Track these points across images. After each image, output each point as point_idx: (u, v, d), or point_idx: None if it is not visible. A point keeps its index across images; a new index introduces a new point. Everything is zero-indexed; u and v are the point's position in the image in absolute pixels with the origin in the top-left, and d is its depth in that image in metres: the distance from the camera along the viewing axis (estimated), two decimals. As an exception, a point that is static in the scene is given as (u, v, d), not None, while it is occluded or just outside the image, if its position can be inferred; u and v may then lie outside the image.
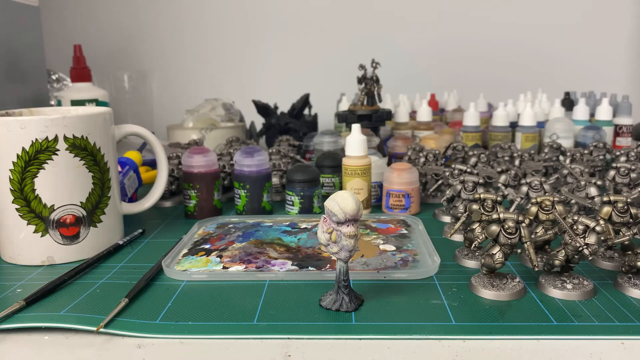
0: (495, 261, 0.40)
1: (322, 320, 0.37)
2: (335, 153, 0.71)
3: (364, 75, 0.85)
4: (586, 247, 0.38)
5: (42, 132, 0.46)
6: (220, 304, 0.40)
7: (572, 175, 0.63)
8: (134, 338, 0.35)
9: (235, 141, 0.92)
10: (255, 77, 1.42)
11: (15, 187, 0.47)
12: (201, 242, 0.53)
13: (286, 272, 0.45)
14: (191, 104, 1.21)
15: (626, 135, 0.98)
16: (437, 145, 0.86)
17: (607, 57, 1.40)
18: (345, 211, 0.36)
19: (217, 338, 0.35)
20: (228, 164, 0.73)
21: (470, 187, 0.54)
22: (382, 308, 0.38)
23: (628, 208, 0.44)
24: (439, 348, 0.33)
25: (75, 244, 0.49)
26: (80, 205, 0.49)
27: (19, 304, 0.39)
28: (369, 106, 0.85)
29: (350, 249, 0.37)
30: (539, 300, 0.39)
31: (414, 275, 0.44)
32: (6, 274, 0.47)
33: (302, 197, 0.62)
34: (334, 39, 1.40)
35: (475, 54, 1.40)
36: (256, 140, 1.11)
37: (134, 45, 1.42)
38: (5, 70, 0.81)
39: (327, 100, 1.23)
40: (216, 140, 1.01)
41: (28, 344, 0.35)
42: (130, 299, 0.40)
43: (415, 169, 0.63)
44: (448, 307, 0.38)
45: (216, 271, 0.45)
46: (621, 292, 0.40)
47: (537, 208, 0.45)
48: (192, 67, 1.43)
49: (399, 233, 0.54)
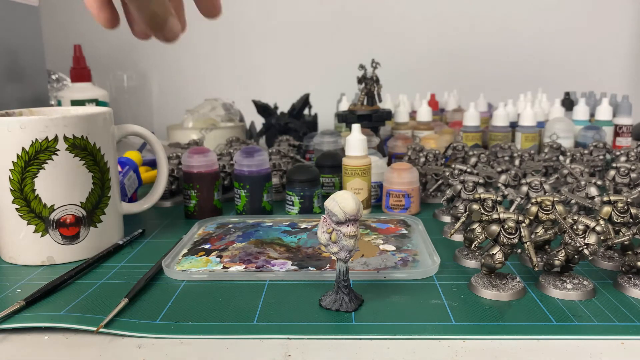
0: (495, 261, 0.40)
1: (322, 320, 0.37)
2: (335, 153, 0.71)
3: (364, 75, 0.85)
4: (586, 247, 0.38)
5: (42, 132, 0.46)
6: (220, 304, 0.40)
7: (572, 175, 0.63)
8: (134, 338, 0.35)
9: (235, 141, 0.92)
10: (255, 77, 1.42)
11: (15, 187, 0.47)
12: (201, 242, 0.53)
13: (286, 272, 0.45)
14: (191, 104, 1.21)
15: (626, 135, 0.98)
16: (437, 145, 0.86)
17: (607, 58, 1.40)
18: (345, 211, 0.36)
19: (217, 338, 0.35)
20: (228, 164, 0.73)
21: (470, 187, 0.54)
22: (382, 308, 0.38)
23: (628, 208, 0.44)
24: (439, 348, 0.33)
25: (75, 244, 0.49)
26: (80, 205, 0.49)
27: (19, 304, 0.39)
28: (369, 106, 0.85)
29: (350, 249, 0.37)
30: (539, 300, 0.39)
31: (414, 275, 0.44)
32: (6, 274, 0.47)
33: (302, 197, 0.62)
34: (334, 39, 1.40)
35: (475, 54, 1.40)
36: (256, 140, 1.11)
37: (134, 45, 1.42)
38: (5, 70, 0.81)
39: (327, 100, 1.23)
40: (216, 140, 1.01)
41: (28, 344, 0.35)
42: (130, 299, 0.40)
43: (415, 169, 0.63)
44: (448, 307, 0.38)
45: (216, 271, 0.45)
46: (621, 292, 0.40)
47: (537, 208, 0.45)
48: (192, 67, 1.43)
49: (399, 233, 0.54)
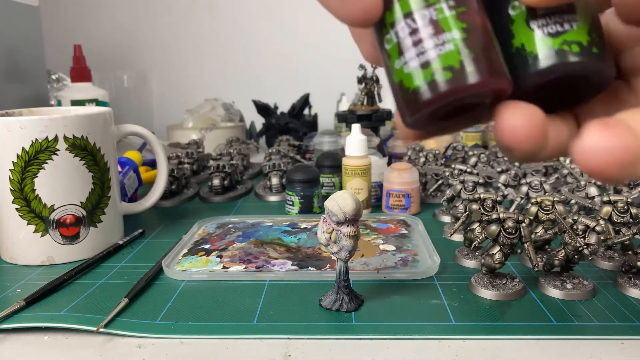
0: (495, 261, 0.40)
1: (322, 320, 0.37)
2: (335, 153, 0.71)
3: (364, 75, 0.85)
4: (586, 247, 0.38)
5: (42, 132, 0.46)
6: (220, 304, 0.40)
7: (572, 175, 0.63)
8: (134, 338, 0.35)
9: (235, 141, 0.92)
10: (255, 77, 1.42)
11: (15, 187, 0.47)
12: (201, 242, 0.53)
13: (286, 272, 0.45)
14: (191, 104, 1.21)
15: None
16: (437, 145, 0.86)
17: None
18: (345, 211, 0.36)
19: (217, 338, 0.35)
20: (228, 164, 0.73)
21: (470, 187, 0.54)
22: (382, 308, 0.38)
23: (628, 208, 0.44)
24: (439, 348, 0.33)
25: (75, 244, 0.49)
26: (80, 205, 0.49)
27: (19, 304, 0.39)
28: (369, 106, 0.85)
29: (350, 249, 0.37)
30: (539, 300, 0.39)
31: (414, 275, 0.44)
32: (6, 274, 0.47)
33: (302, 197, 0.62)
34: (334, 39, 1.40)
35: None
36: (256, 140, 1.11)
37: (134, 45, 1.42)
38: (5, 70, 0.81)
39: (327, 100, 1.23)
40: (216, 140, 1.01)
41: (28, 344, 0.35)
42: (130, 299, 0.40)
43: (415, 169, 0.63)
44: (448, 307, 0.38)
45: (216, 271, 0.45)
46: (621, 292, 0.40)
47: (537, 208, 0.45)
48: (192, 67, 1.43)
49: (399, 233, 0.54)
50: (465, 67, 0.17)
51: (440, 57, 0.17)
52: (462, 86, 0.17)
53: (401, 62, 0.18)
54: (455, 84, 0.17)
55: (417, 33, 0.18)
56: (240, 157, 0.82)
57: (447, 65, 0.17)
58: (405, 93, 0.19)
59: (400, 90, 0.19)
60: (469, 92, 0.17)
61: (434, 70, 0.17)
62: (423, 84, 0.18)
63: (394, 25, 0.18)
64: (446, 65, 0.17)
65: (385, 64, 0.20)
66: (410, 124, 0.20)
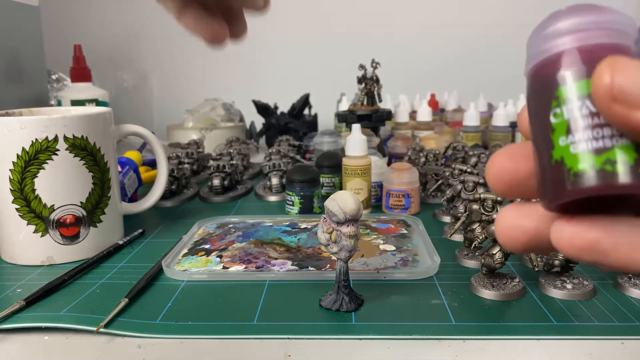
0: (495, 261, 0.40)
1: (322, 320, 0.37)
2: (335, 153, 0.71)
3: (364, 75, 0.85)
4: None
5: (42, 132, 0.46)
6: (220, 304, 0.40)
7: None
8: (134, 338, 0.35)
9: (235, 141, 0.92)
10: (255, 77, 1.42)
11: (15, 187, 0.47)
12: (201, 242, 0.53)
13: (286, 272, 0.45)
14: (191, 104, 1.21)
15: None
16: (437, 145, 0.86)
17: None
18: (345, 211, 0.36)
19: (217, 338, 0.35)
20: (228, 164, 0.73)
21: (470, 187, 0.54)
22: (382, 308, 0.38)
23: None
24: (439, 348, 0.33)
25: (75, 244, 0.49)
26: (80, 205, 0.49)
27: (19, 304, 0.39)
28: (369, 106, 0.85)
29: (350, 249, 0.37)
30: (539, 300, 0.39)
31: (414, 275, 0.44)
32: (6, 274, 0.47)
33: (302, 197, 0.62)
34: (334, 39, 1.40)
35: (475, 54, 1.40)
36: (256, 140, 1.11)
37: (134, 45, 1.42)
38: (5, 70, 0.81)
39: (327, 100, 1.23)
40: (216, 140, 1.01)
41: (28, 344, 0.35)
42: (130, 299, 0.40)
43: (415, 169, 0.63)
44: (448, 307, 0.38)
45: (216, 271, 0.45)
46: (621, 292, 0.40)
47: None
48: (192, 67, 1.43)
49: (399, 233, 0.54)
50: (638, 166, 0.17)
51: (616, 148, 0.17)
52: (634, 183, 0.17)
53: (568, 141, 0.18)
54: (626, 180, 0.17)
55: (596, 118, 0.17)
56: (240, 157, 0.82)
57: (622, 159, 0.17)
58: (562, 172, 0.18)
59: (557, 168, 0.18)
60: (635, 190, 0.17)
61: (607, 159, 0.17)
62: (591, 169, 0.17)
63: (568, 102, 0.18)
64: (622, 159, 0.17)
65: (541, 135, 0.19)
66: (555, 203, 0.19)
